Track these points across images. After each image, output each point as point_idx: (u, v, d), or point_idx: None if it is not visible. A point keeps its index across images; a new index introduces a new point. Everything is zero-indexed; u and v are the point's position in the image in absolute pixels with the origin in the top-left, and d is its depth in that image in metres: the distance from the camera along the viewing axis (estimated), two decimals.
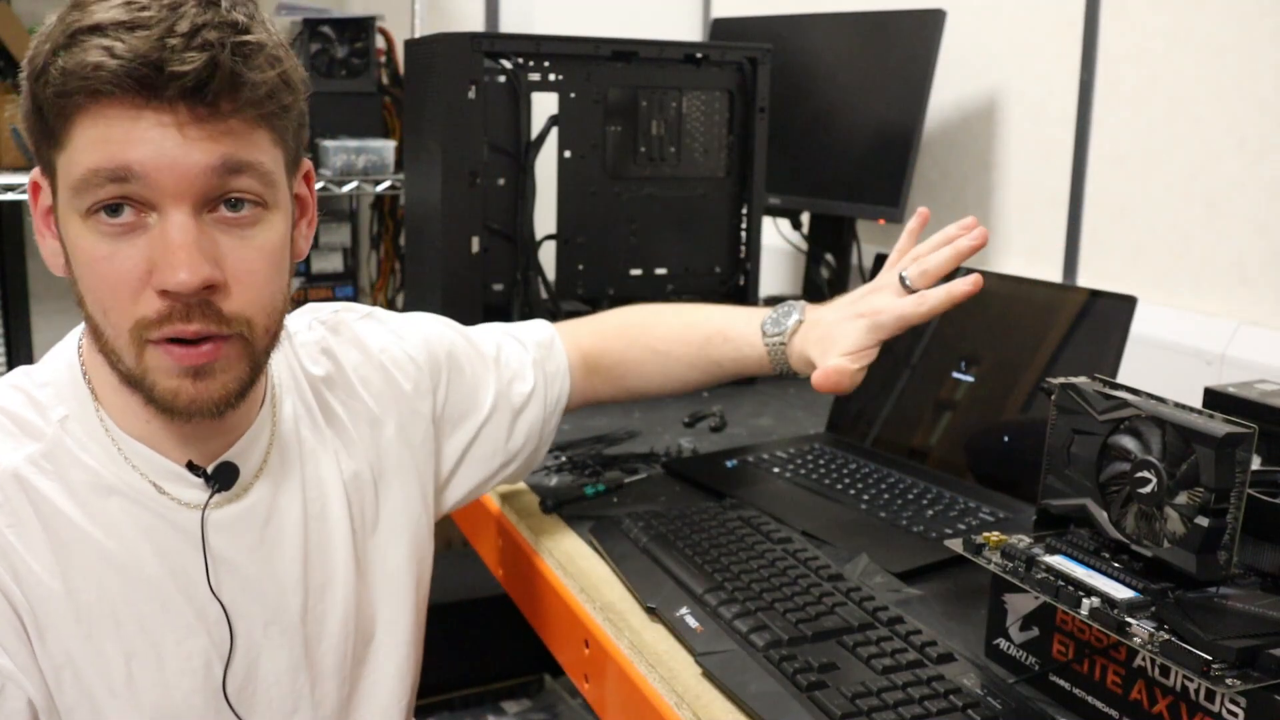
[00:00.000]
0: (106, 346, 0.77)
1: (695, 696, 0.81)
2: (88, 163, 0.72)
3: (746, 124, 1.61)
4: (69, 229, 0.75)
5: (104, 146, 0.72)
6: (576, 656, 1.00)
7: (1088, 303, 1.15)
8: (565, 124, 1.52)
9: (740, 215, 1.64)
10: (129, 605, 0.79)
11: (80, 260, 0.75)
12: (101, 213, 0.73)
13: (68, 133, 0.73)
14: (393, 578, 0.95)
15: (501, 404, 1.06)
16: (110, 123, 0.71)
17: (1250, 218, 1.37)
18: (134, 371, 0.76)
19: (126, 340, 0.75)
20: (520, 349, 1.10)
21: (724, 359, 1.12)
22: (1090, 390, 0.79)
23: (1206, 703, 0.69)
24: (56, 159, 0.75)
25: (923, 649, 0.82)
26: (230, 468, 0.84)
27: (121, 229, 0.73)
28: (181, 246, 0.73)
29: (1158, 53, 1.48)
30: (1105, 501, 0.77)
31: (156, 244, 0.73)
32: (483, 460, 1.06)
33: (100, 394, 0.82)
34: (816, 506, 1.15)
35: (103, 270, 0.74)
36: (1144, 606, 0.71)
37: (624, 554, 1.02)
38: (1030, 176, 1.70)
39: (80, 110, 0.72)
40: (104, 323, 0.76)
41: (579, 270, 1.56)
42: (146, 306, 0.74)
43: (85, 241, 0.74)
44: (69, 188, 0.74)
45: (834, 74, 1.85)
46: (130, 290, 0.74)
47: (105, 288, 0.74)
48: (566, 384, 1.12)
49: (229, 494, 0.84)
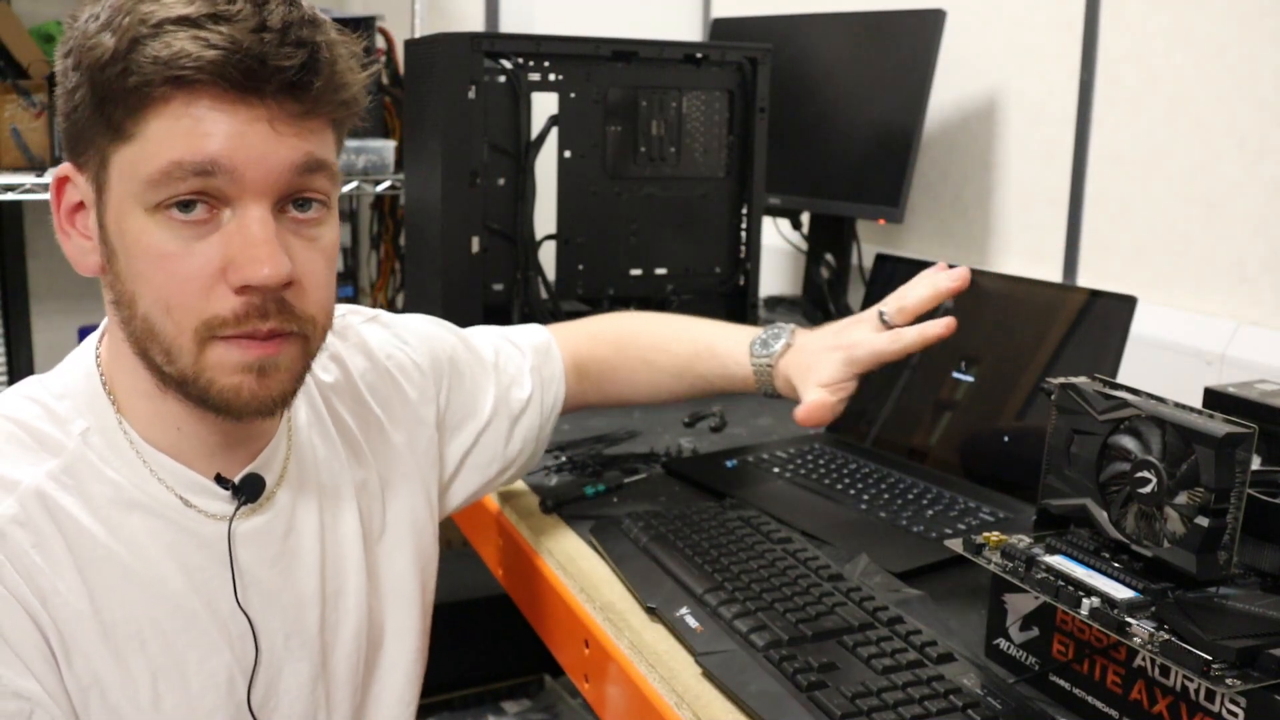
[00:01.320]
0: (159, 347, 0.74)
1: (695, 696, 0.81)
2: (170, 155, 0.70)
3: (746, 124, 1.61)
4: (128, 224, 0.73)
5: (190, 139, 0.70)
6: (576, 656, 1.00)
7: (1088, 303, 1.15)
8: (565, 124, 1.52)
9: (740, 215, 1.64)
10: (154, 623, 0.78)
11: (141, 257, 0.73)
12: (174, 208, 0.71)
13: (140, 125, 0.71)
14: (401, 584, 0.94)
15: (500, 410, 1.06)
16: (199, 115, 0.70)
17: (1250, 218, 1.37)
18: (189, 371, 0.74)
19: (189, 338, 0.73)
20: (518, 354, 1.10)
21: (710, 374, 1.13)
22: (1090, 390, 0.79)
23: (1206, 703, 0.69)
24: (115, 152, 0.72)
25: (923, 649, 0.82)
26: (257, 479, 0.83)
27: (195, 225, 0.72)
28: (265, 241, 0.72)
29: (1158, 53, 1.48)
30: (1105, 501, 0.77)
31: (234, 240, 0.72)
32: (482, 466, 1.06)
33: (124, 404, 0.80)
34: (816, 506, 1.15)
35: (173, 266, 0.72)
36: (1144, 606, 0.71)
37: (624, 554, 1.02)
38: (1030, 176, 1.70)
39: (162, 101, 0.70)
40: (163, 321, 0.73)
41: (579, 270, 1.56)
42: (220, 304, 0.73)
43: (152, 237, 0.72)
44: (140, 180, 0.71)
45: (834, 74, 1.85)
46: (202, 287, 0.72)
47: (174, 284, 0.72)
48: (562, 390, 1.12)
49: (252, 505, 0.83)
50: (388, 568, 0.94)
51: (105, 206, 0.74)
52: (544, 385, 1.10)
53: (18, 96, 2.31)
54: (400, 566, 0.94)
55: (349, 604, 0.89)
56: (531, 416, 1.08)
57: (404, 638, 0.94)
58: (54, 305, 2.69)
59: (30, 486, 0.75)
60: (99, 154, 0.73)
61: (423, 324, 1.06)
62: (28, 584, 0.73)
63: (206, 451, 0.81)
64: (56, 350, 2.67)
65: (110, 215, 0.74)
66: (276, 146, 0.72)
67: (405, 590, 0.95)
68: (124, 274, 0.74)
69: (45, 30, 2.50)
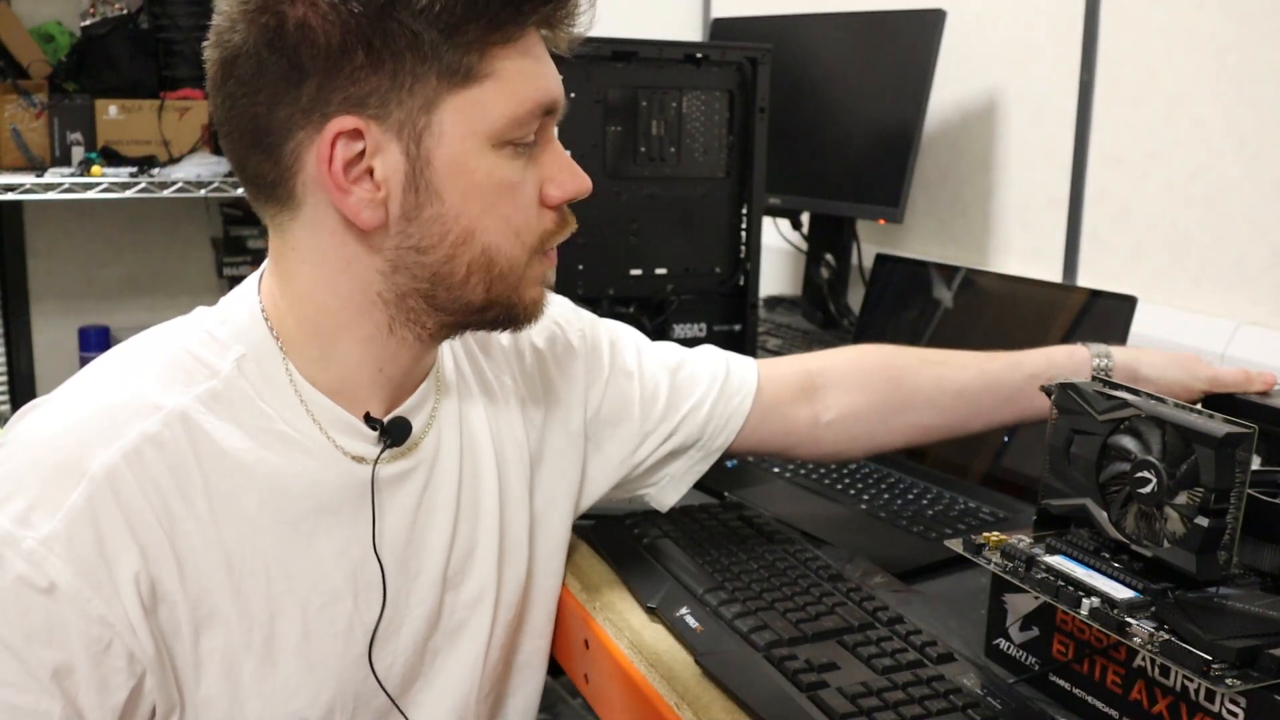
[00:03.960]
0: (494, 273, 0.79)
1: (695, 696, 0.81)
2: (532, 95, 0.77)
3: (746, 124, 1.61)
4: (472, 161, 0.76)
5: (537, 79, 0.77)
6: (576, 656, 1.00)
7: (1088, 303, 1.15)
8: (565, 124, 1.52)
9: (740, 215, 1.64)
10: (280, 562, 0.78)
11: (490, 189, 0.77)
12: (517, 143, 0.78)
13: (488, 66, 0.75)
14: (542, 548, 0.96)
15: None
16: (538, 53, 0.78)
17: (1250, 218, 1.37)
18: (512, 290, 0.81)
19: (527, 256, 0.81)
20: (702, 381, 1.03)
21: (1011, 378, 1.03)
22: (1090, 390, 0.79)
23: (1206, 703, 0.69)
24: (450, 95, 0.75)
25: (923, 649, 0.82)
26: (404, 423, 0.84)
27: (525, 155, 0.79)
28: (571, 160, 0.82)
29: (1158, 53, 1.48)
30: (1105, 501, 0.77)
31: (546, 164, 0.80)
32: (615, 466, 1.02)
33: (289, 343, 0.80)
34: (816, 506, 1.15)
35: (519, 193, 0.79)
36: (1144, 606, 0.71)
37: (624, 554, 1.02)
38: (1030, 176, 1.70)
39: (509, 42, 0.76)
40: (511, 246, 0.79)
41: (579, 270, 1.56)
42: (547, 220, 0.81)
43: (503, 170, 0.78)
44: (497, 119, 0.76)
45: (834, 74, 1.85)
46: (537, 207, 0.81)
47: (519, 209, 0.79)
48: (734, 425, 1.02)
49: (398, 450, 0.84)
50: (529, 532, 0.94)
51: (428, 151, 0.75)
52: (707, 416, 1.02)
53: (18, 96, 2.31)
54: (550, 531, 0.96)
55: (475, 561, 0.89)
56: None
57: (540, 610, 0.97)
58: (54, 305, 2.69)
59: (176, 409, 0.75)
60: (421, 99, 0.74)
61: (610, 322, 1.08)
62: (153, 507, 0.73)
63: (365, 394, 0.83)
64: (56, 350, 2.69)
65: (439, 157, 0.76)
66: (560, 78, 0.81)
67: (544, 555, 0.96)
68: (454, 213, 0.77)
69: (45, 30, 2.50)
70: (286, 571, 0.78)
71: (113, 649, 0.71)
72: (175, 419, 0.75)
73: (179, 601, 0.74)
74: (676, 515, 1.07)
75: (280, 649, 0.78)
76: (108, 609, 0.70)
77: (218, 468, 0.76)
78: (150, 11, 2.49)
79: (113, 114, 2.37)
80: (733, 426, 1.01)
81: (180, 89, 2.45)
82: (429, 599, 0.86)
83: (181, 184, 2.33)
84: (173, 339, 0.80)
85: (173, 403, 0.76)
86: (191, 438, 0.75)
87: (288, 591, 0.78)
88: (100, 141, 2.36)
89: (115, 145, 2.36)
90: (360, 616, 0.81)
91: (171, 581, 0.73)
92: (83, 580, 0.70)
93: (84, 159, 2.33)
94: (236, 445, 0.77)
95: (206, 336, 0.80)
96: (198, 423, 0.76)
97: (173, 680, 0.74)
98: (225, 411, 0.77)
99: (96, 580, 0.70)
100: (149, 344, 0.81)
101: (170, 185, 2.33)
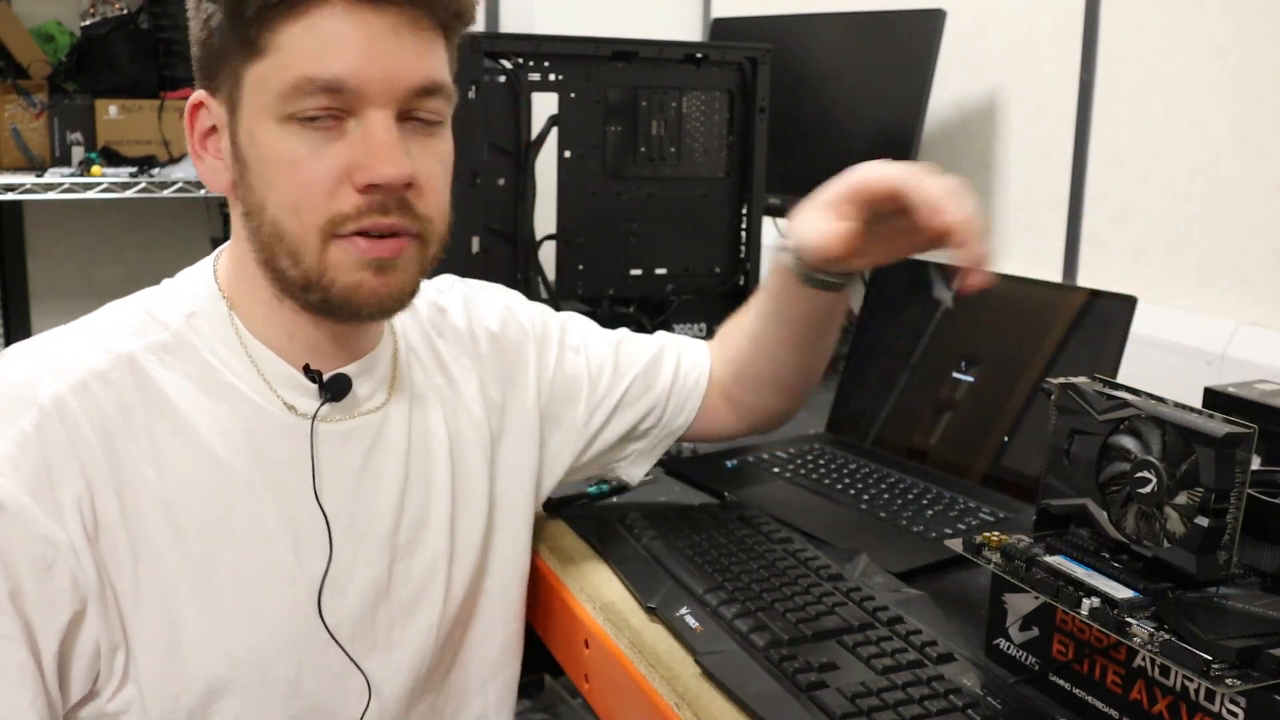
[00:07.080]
0: (285, 249, 0.79)
1: (695, 696, 0.81)
2: (302, 70, 0.75)
3: (746, 124, 1.61)
4: (260, 135, 0.77)
5: (319, 56, 0.75)
6: (576, 656, 1.00)
7: (1088, 303, 1.15)
8: (565, 124, 1.52)
9: (740, 215, 1.64)
10: (219, 506, 0.80)
11: (272, 163, 0.77)
12: (303, 119, 0.76)
13: (271, 40, 0.75)
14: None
15: None
16: (327, 30, 0.75)
17: (1250, 218, 1.37)
18: (313, 270, 0.79)
19: (315, 237, 0.78)
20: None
21: (783, 307, 1.05)
22: (1090, 390, 0.79)
23: (1206, 703, 0.69)
24: (248, 69, 0.77)
25: (923, 649, 0.82)
26: (344, 379, 0.86)
27: (322, 131, 0.77)
28: (387, 144, 0.77)
29: (1158, 53, 1.48)
30: (1105, 501, 0.77)
31: (358, 145, 0.77)
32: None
33: (239, 306, 0.84)
34: (816, 506, 1.15)
35: (302, 169, 0.77)
36: (1144, 606, 0.71)
37: (624, 554, 1.02)
38: (1030, 177, 1.70)
39: (292, 16, 0.74)
40: (291, 222, 0.78)
41: (579, 270, 1.56)
42: (343, 202, 0.77)
43: (284, 144, 0.77)
44: (273, 93, 0.76)
45: (834, 74, 1.85)
46: (327, 187, 0.77)
47: (300, 185, 0.77)
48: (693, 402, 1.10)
49: (344, 409, 0.87)
50: (489, 510, 0.96)
51: (238, 123, 0.79)
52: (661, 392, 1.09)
53: (18, 96, 2.31)
54: (513, 508, 0.98)
55: (428, 533, 0.90)
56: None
57: (505, 590, 0.97)
58: (54, 305, 2.69)
59: (125, 353, 0.80)
60: (232, 74, 0.78)
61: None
62: (97, 437, 0.76)
63: (311, 353, 0.85)
64: None
65: (243, 130, 0.79)
66: (399, 61, 0.76)
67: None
68: (255, 184, 0.79)
69: (45, 30, 2.51)
70: (224, 514, 0.80)
71: (56, 569, 0.74)
72: (124, 361, 0.80)
73: (119, 533, 0.77)
74: (676, 515, 1.07)
75: (219, 588, 0.80)
76: (51, 530, 0.74)
77: (161, 411, 0.80)
78: (150, 11, 2.49)
79: (113, 114, 2.37)
80: (692, 405, 1.08)
81: (180, 89, 2.46)
82: (377, 561, 0.87)
83: (181, 184, 2.34)
84: (136, 302, 0.86)
85: (123, 348, 0.80)
86: (138, 380, 0.80)
87: (225, 532, 0.80)
88: (100, 141, 2.36)
89: (115, 145, 2.37)
90: (302, 566, 0.83)
91: (112, 512, 0.76)
92: (29, 498, 0.73)
93: (84, 159, 2.33)
94: (181, 393, 0.81)
95: (163, 298, 0.86)
96: (145, 369, 0.80)
97: (115, 613, 0.77)
98: (173, 362, 0.82)
99: (42, 501, 0.74)
100: (115, 305, 0.86)
101: (170, 185, 2.33)
